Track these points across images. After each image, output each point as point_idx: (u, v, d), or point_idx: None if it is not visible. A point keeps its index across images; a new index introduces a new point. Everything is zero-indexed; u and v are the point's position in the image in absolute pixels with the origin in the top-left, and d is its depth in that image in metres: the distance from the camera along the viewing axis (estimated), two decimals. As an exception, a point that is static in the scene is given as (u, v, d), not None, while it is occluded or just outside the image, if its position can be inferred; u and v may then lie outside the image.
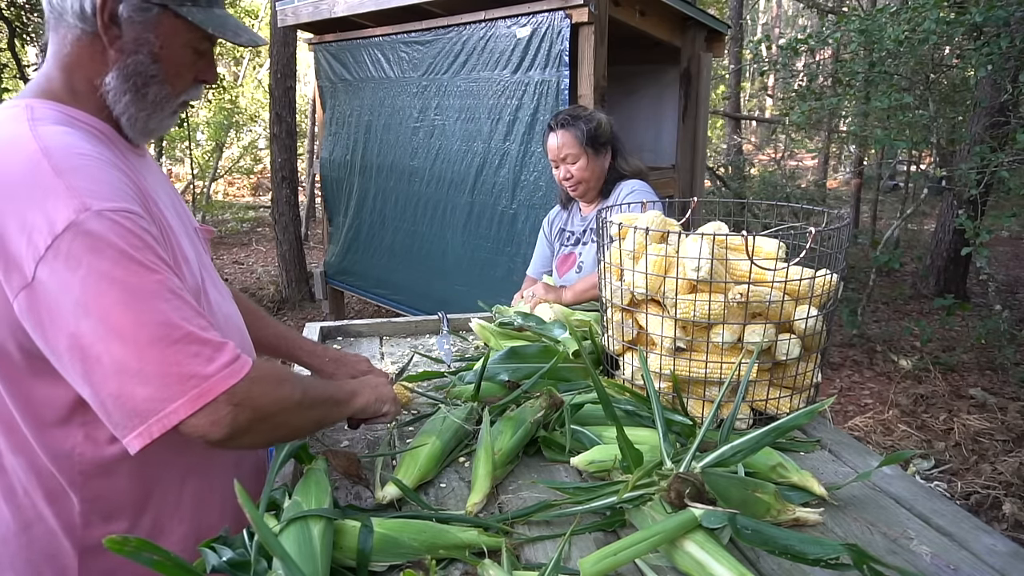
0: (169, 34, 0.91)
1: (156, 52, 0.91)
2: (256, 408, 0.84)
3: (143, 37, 0.90)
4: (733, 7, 11.17)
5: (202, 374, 0.79)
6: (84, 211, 0.77)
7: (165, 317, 0.79)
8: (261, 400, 0.84)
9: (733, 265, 1.24)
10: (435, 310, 1.93)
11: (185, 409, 0.78)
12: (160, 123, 0.97)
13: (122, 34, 0.89)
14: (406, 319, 1.94)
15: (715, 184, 8.26)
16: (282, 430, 0.93)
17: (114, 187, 0.83)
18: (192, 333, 0.80)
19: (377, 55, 4.46)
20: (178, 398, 0.78)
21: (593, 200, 2.07)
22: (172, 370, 0.78)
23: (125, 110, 0.92)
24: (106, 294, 0.77)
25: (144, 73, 0.91)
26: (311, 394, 0.95)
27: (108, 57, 0.90)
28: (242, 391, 0.82)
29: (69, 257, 0.76)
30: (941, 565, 0.87)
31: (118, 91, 0.91)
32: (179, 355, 0.78)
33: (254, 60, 13.56)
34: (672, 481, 0.87)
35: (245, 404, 0.82)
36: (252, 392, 0.83)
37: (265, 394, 0.85)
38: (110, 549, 0.66)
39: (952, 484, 3.08)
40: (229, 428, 0.81)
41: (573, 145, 1.95)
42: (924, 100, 4.35)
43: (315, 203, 9.75)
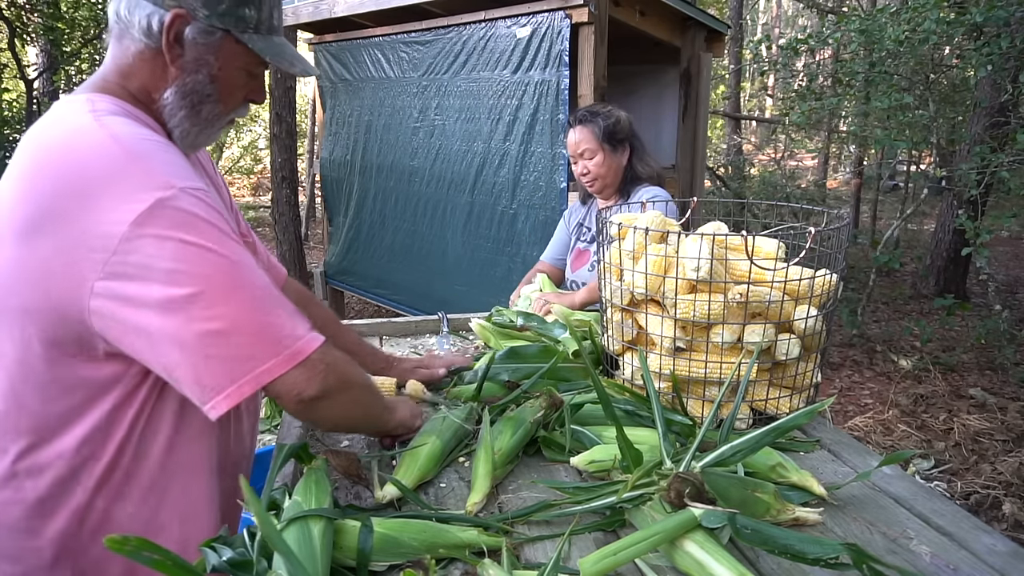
0: (228, 57, 0.95)
1: (215, 74, 0.95)
2: (341, 374, 0.90)
3: (204, 59, 0.93)
4: (733, 7, 11.18)
5: (295, 334, 0.84)
6: (169, 188, 0.81)
7: (255, 283, 0.84)
8: (344, 368, 0.91)
9: (733, 265, 1.24)
10: (435, 310, 1.93)
11: (280, 367, 0.83)
12: (208, 137, 1.01)
13: (184, 53, 0.92)
14: (406, 319, 1.94)
15: (715, 184, 8.27)
16: (356, 407, 0.99)
17: (187, 168, 0.87)
18: (278, 297, 0.86)
19: (377, 55, 4.46)
20: (272, 357, 0.83)
21: (611, 197, 2.08)
22: (266, 332, 0.83)
23: (179, 124, 0.96)
24: (198, 262, 0.80)
25: (201, 92, 0.95)
26: (373, 383, 1.04)
27: (168, 74, 0.93)
28: (330, 355, 0.88)
29: (159, 231, 0.79)
30: (941, 565, 0.87)
31: (174, 106, 0.94)
32: (272, 318, 0.84)
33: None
34: (672, 481, 0.87)
35: (333, 367, 0.88)
36: (337, 359, 0.90)
37: (339, 364, 0.91)
38: (110, 548, 0.66)
39: (952, 484, 3.08)
40: (321, 385, 0.86)
41: (590, 140, 1.97)
42: (924, 100, 4.35)
43: (315, 203, 9.75)
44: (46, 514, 0.91)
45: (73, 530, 0.91)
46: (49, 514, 0.91)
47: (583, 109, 2.05)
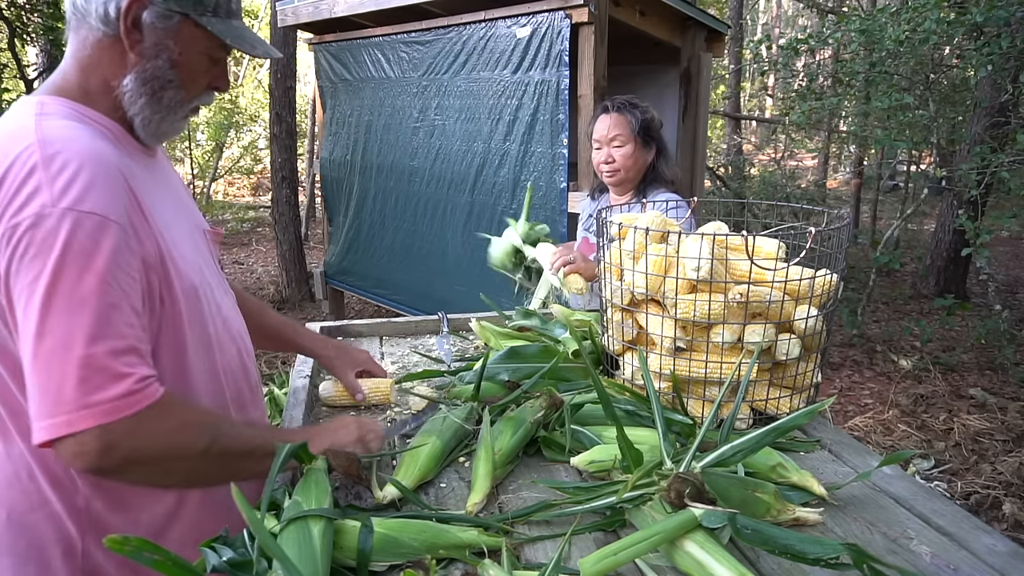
0: (188, 42, 0.94)
1: (175, 59, 0.94)
2: (134, 450, 0.81)
3: (164, 43, 0.92)
4: (733, 7, 11.18)
5: (78, 402, 0.77)
6: (51, 207, 0.79)
7: (78, 330, 0.78)
8: (143, 444, 0.82)
9: (733, 265, 1.24)
10: (435, 310, 1.93)
11: (46, 432, 0.77)
12: (172, 126, 1.00)
13: (143, 39, 0.92)
14: (406, 319, 1.94)
15: (715, 184, 8.26)
16: (175, 476, 0.90)
17: (96, 188, 0.83)
18: (91, 356, 0.78)
19: (377, 55, 4.46)
20: (45, 419, 0.77)
21: (625, 193, 2.07)
22: (52, 388, 0.78)
23: (140, 112, 0.95)
24: (34, 292, 0.78)
25: (162, 78, 0.94)
26: (224, 444, 0.90)
27: (128, 60, 0.93)
28: (120, 430, 0.79)
29: (28, 248, 0.79)
30: (941, 565, 0.87)
31: (135, 93, 0.93)
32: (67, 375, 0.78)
33: (254, 60, 13.55)
34: (672, 481, 0.87)
35: (119, 445, 0.80)
36: (135, 432, 0.81)
37: (153, 437, 0.83)
38: (110, 548, 0.66)
39: (952, 484, 3.08)
40: (93, 464, 0.79)
41: (624, 129, 1.96)
42: (924, 100, 4.35)
43: (315, 203, 9.75)
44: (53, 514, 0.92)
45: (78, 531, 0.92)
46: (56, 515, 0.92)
47: (620, 98, 2.03)
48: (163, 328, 0.93)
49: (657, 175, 2.04)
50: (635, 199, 2.01)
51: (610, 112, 1.99)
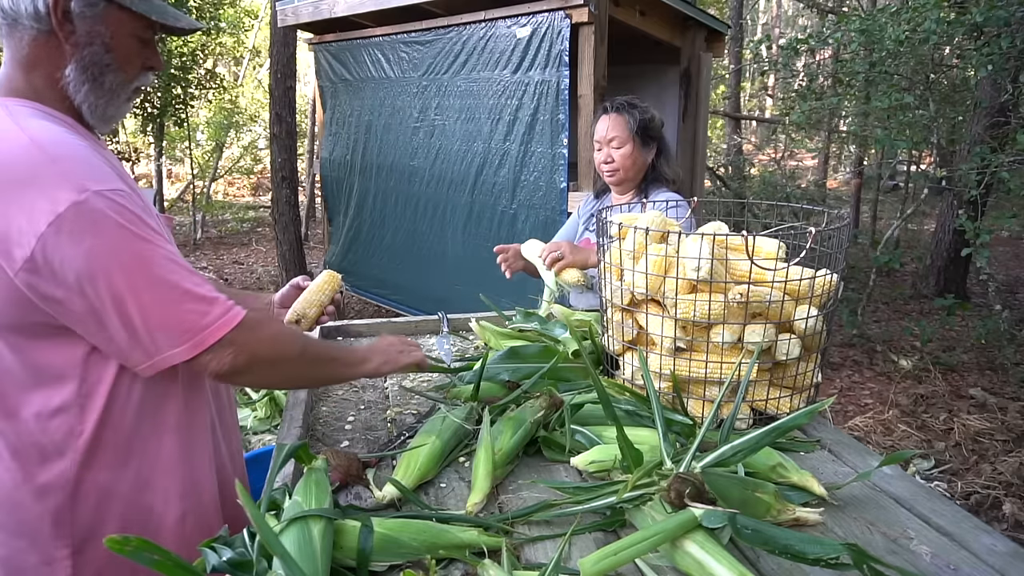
0: (116, 24, 0.99)
1: (108, 42, 0.99)
2: (253, 353, 0.96)
3: (95, 29, 0.97)
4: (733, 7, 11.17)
5: (197, 325, 0.92)
6: (84, 191, 0.87)
7: (163, 279, 0.91)
8: (258, 347, 0.98)
9: (733, 265, 1.24)
10: (435, 310, 1.93)
11: (186, 354, 0.91)
12: (117, 109, 1.04)
13: (76, 29, 0.96)
14: (406, 319, 1.94)
15: (715, 184, 8.26)
16: (283, 375, 1.08)
17: (103, 170, 0.92)
18: (188, 291, 0.92)
19: (377, 55, 4.46)
20: (177, 346, 0.91)
21: (626, 192, 2.07)
22: (173, 324, 0.91)
23: (85, 99, 0.99)
24: (110, 263, 0.87)
25: (100, 63, 0.99)
26: (312, 351, 1.09)
27: (65, 52, 0.97)
28: (239, 337, 0.94)
29: (72, 232, 0.85)
30: (941, 565, 0.87)
31: (77, 81, 0.98)
32: (179, 311, 0.91)
33: (254, 60, 13.55)
34: (672, 481, 0.87)
35: (243, 348, 0.95)
36: (248, 339, 0.96)
37: (262, 342, 0.98)
38: (110, 548, 0.66)
39: (952, 484, 3.08)
40: (229, 367, 0.94)
41: (622, 130, 1.97)
42: (924, 100, 4.35)
43: (315, 203, 9.75)
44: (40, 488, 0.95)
45: (67, 503, 0.95)
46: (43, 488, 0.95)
47: (620, 98, 2.03)
48: None
49: (658, 175, 2.04)
50: (636, 199, 2.01)
51: (609, 112, 1.99)
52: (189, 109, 8.59)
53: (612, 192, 2.13)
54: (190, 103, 8.50)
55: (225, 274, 7.55)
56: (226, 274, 7.55)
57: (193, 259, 8.25)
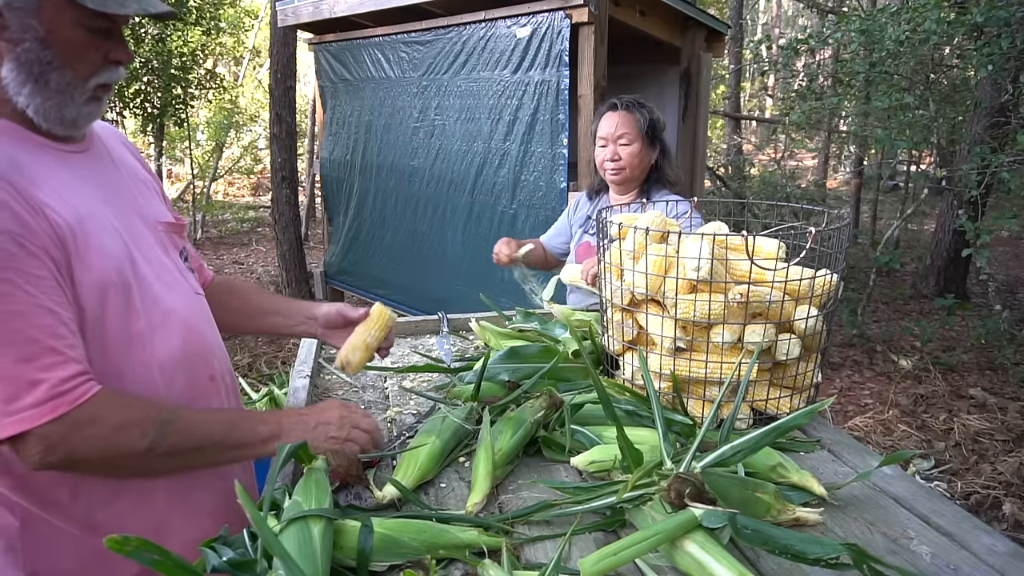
0: (53, 16, 0.88)
1: (44, 37, 0.88)
2: (72, 452, 0.82)
3: (27, 24, 0.87)
4: (733, 7, 11.17)
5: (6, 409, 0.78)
6: None
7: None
8: (80, 446, 0.83)
9: (733, 265, 1.24)
10: (435, 310, 1.93)
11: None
12: (78, 111, 0.94)
13: (7, 24, 0.87)
14: (406, 319, 1.94)
15: (715, 184, 8.26)
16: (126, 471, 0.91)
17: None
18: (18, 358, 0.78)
19: (377, 55, 4.46)
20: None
21: (627, 192, 2.07)
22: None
23: (29, 101, 0.90)
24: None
25: (39, 60, 0.88)
26: (174, 441, 0.90)
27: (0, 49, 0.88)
28: (54, 432, 0.80)
29: None
30: (941, 565, 0.87)
31: (17, 82, 0.88)
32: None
33: (254, 60, 13.55)
34: (672, 481, 0.87)
35: (57, 447, 0.81)
36: (70, 435, 0.81)
37: (89, 439, 0.83)
38: (110, 548, 0.66)
39: (952, 484, 3.08)
40: (38, 464, 0.81)
41: (632, 127, 1.97)
42: (924, 100, 4.35)
43: (315, 203, 9.75)
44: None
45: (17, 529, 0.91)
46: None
47: (628, 96, 2.03)
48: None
49: (660, 176, 2.04)
50: (637, 199, 2.01)
51: (618, 110, 1.99)
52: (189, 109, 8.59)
53: (611, 192, 2.12)
54: (190, 103, 8.50)
55: (225, 274, 7.55)
56: (226, 274, 7.55)
57: (193, 259, 8.24)
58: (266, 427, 0.98)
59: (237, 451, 0.97)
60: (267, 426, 0.98)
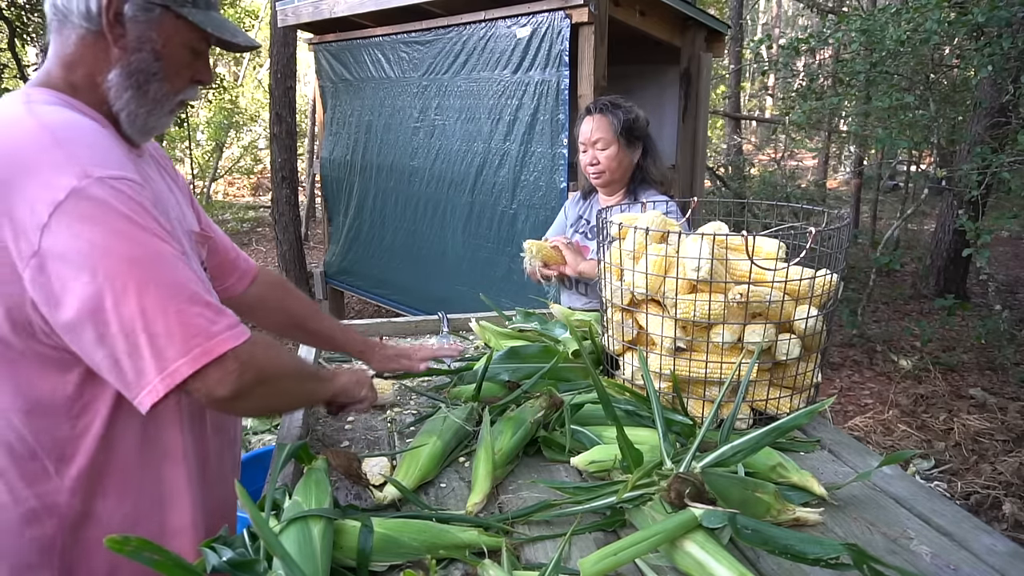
0: (170, 33, 0.95)
1: (158, 50, 0.94)
2: (260, 370, 0.88)
3: (146, 35, 0.93)
4: (733, 7, 11.17)
5: (206, 332, 0.83)
6: (85, 177, 0.80)
7: (169, 278, 0.83)
8: (265, 363, 0.89)
9: (733, 265, 1.24)
10: (435, 310, 1.93)
11: (188, 367, 0.81)
12: (159, 121, 1.00)
13: (126, 33, 0.92)
14: (406, 319, 1.94)
15: (715, 184, 8.26)
16: (279, 397, 0.99)
17: (114, 156, 0.87)
18: (196, 294, 0.84)
19: (377, 55, 4.46)
20: (182, 356, 0.81)
21: (614, 194, 2.06)
22: (176, 329, 0.81)
23: (126, 106, 0.95)
24: (110, 257, 0.80)
25: (146, 71, 0.94)
26: (303, 366, 1.07)
27: (112, 55, 0.93)
28: (246, 352, 0.86)
29: (72, 222, 0.79)
30: (941, 565, 0.87)
31: (120, 87, 0.94)
32: (183, 315, 0.82)
33: (254, 60, 13.55)
34: (672, 481, 0.87)
35: (250, 364, 0.86)
36: (256, 354, 0.88)
37: (268, 358, 0.91)
38: (110, 548, 0.66)
39: (952, 484, 3.08)
40: (235, 386, 0.85)
41: (607, 131, 1.95)
42: (925, 100, 4.35)
43: (315, 203, 9.75)
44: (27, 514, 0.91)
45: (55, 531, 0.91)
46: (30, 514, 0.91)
47: (603, 99, 2.01)
48: None
49: (645, 175, 2.03)
50: (625, 200, 2.01)
51: (592, 114, 1.98)
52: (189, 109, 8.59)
53: (600, 193, 2.12)
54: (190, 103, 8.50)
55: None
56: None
57: (193, 259, 8.24)
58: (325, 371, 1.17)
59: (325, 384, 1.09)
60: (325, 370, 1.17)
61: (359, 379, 1.15)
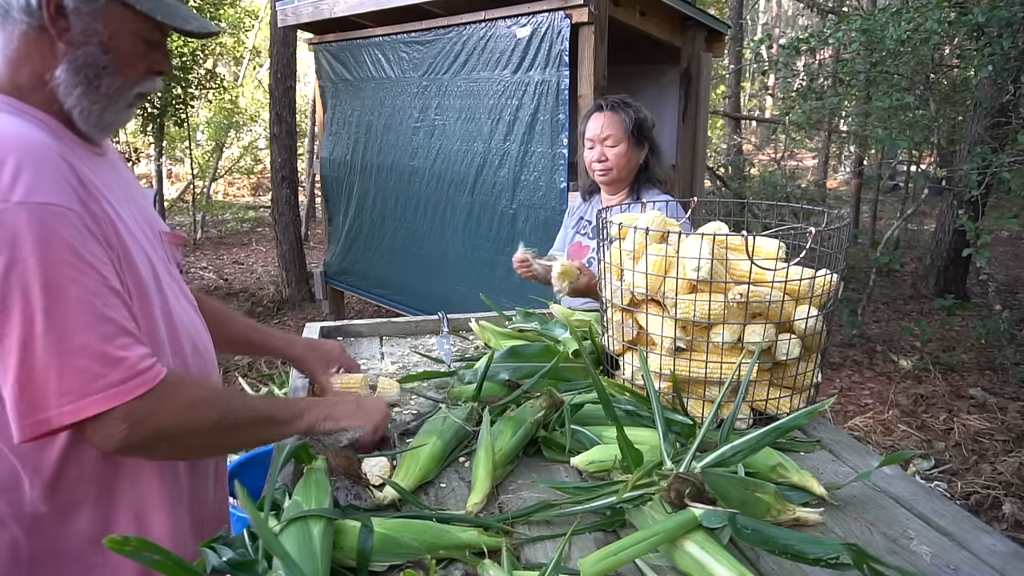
0: (118, 24, 0.91)
1: (106, 43, 0.90)
2: (157, 428, 0.84)
3: (92, 28, 0.89)
4: (733, 7, 11.17)
5: (82, 389, 0.79)
6: (4, 201, 0.77)
7: (65, 320, 0.79)
8: (164, 421, 0.85)
9: (733, 265, 1.24)
10: (435, 310, 1.93)
11: (58, 420, 0.78)
12: (116, 116, 0.96)
13: (70, 26, 0.88)
14: (406, 319, 1.94)
15: (715, 184, 8.26)
16: (195, 450, 0.96)
17: (46, 179, 0.82)
18: (87, 345, 0.79)
19: (377, 55, 4.46)
20: (53, 408, 0.78)
21: (617, 193, 2.07)
22: (53, 380, 0.78)
23: (77, 103, 0.91)
24: (12, 288, 0.77)
25: (95, 65, 0.90)
26: (235, 416, 0.94)
27: (57, 50, 0.89)
28: (141, 408, 0.82)
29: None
30: (941, 565, 0.87)
31: (69, 84, 0.90)
32: (74, 362, 0.78)
33: (254, 60, 13.55)
34: (672, 481, 0.87)
35: (144, 423, 0.83)
36: (154, 411, 0.83)
37: (170, 414, 0.85)
38: (110, 548, 0.66)
39: (952, 484, 3.08)
40: (123, 443, 0.82)
41: (618, 128, 1.95)
42: (925, 100, 4.35)
43: (315, 203, 9.75)
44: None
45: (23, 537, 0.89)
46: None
47: (614, 97, 2.01)
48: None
49: (650, 175, 2.03)
50: (628, 200, 2.01)
51: (604, 111, 1.98)
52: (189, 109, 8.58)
53: (602, 192, 2.12)
54: (190, 103, 8.49)
55: (225, 274, 7.55)
56: (226, 274, 7.55)
57: (193, 259, 8.25)
58: (297, 405, 1.05)
59: (283, 427, 1.01)
60: (296, 405, 1.05)
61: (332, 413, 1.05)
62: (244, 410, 0.98)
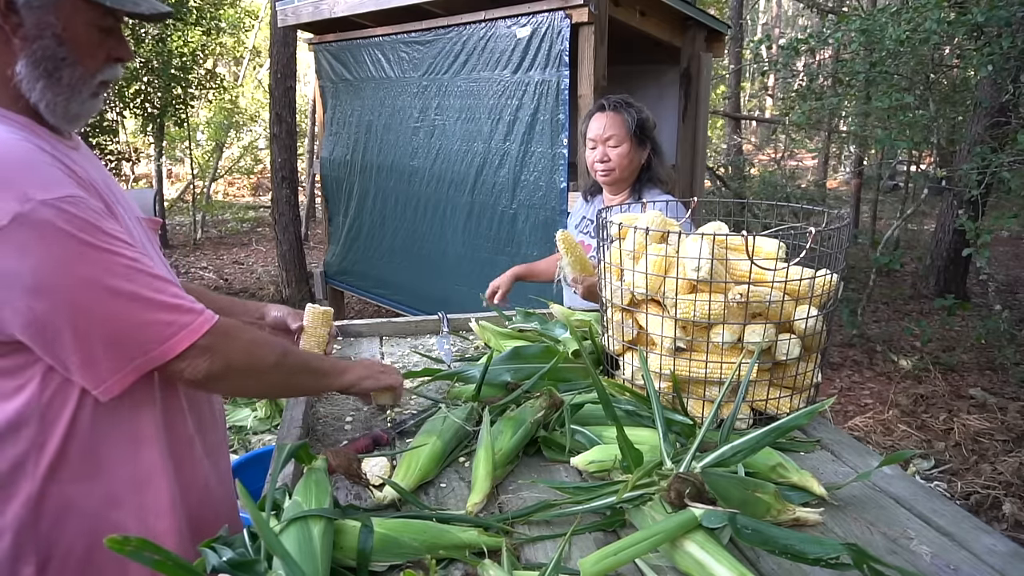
0: (70, 14, 0.91)
1: (60, 34, 0.91)
2: (227, 360, 0.95)
3: (44, 20, 0.90)
4: (733, 7, 11.17)
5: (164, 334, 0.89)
6: (27, 201, 0.81)
7: (121, 290, 0.87)
8: (234, 355, 0.96)
9: (733, 265, 1.24)
10: (435, 310, 1.93)
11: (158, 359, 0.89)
12: (83, 106, 0.97)
13: (23, 21, 0.89)
14: (406, 319, 1.94)
15: (715, 184, 8.26)
16: (260, 384, 1.07)
17: (51, 175, 0.87)
18: (150, 300, 0.89)
19: (377, 55, 4.46)
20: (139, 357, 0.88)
21: (619, 193, 2.07)
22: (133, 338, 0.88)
23: (42, 97, 0.92)
24: (60, 278, 0.84)
25: (53, 57, 0.91)
26: (291, 361, 1.07)
27: (13, 46, 0.90)
28: (212, 344, 0.92)
29: (18, 247, 0.81)
30: (941, 565, 0.87)
31: (31, 79, 0.91)
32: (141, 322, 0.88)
33: (254, 60, 13.55)
34: (672, 481, 0.87)
35: (218, 355, 0.93)
36: (222, 346, 0.94)
37: (236, 350, 0.97)
38: (110, 548, 0.66)
39: (952, 484, 3.08)
40: (205, 373, 0.92)
41: (620, 128, 1.95)
42: (925, 100, 4.35)
43: (315, 203, 9.75)
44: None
45: (30, 518, 0.91)
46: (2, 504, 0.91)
47: (616, 97, 2.01)
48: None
49: (651, 175, 2.03)
50: (630, 199, 2.01)
51: (606, 111, 1.98)
52: (189, 109, 8.59)
53: (604, 193, 2.12)
54: (190, 103, 8.50)
55: (225, 274, 7.55)
56: (226, 274, 7.55)
57: (193, 259, 8.25)
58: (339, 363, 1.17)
59: (327, 378, 1.15)
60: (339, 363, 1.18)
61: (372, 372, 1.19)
62: (297, 357, 1.12)
